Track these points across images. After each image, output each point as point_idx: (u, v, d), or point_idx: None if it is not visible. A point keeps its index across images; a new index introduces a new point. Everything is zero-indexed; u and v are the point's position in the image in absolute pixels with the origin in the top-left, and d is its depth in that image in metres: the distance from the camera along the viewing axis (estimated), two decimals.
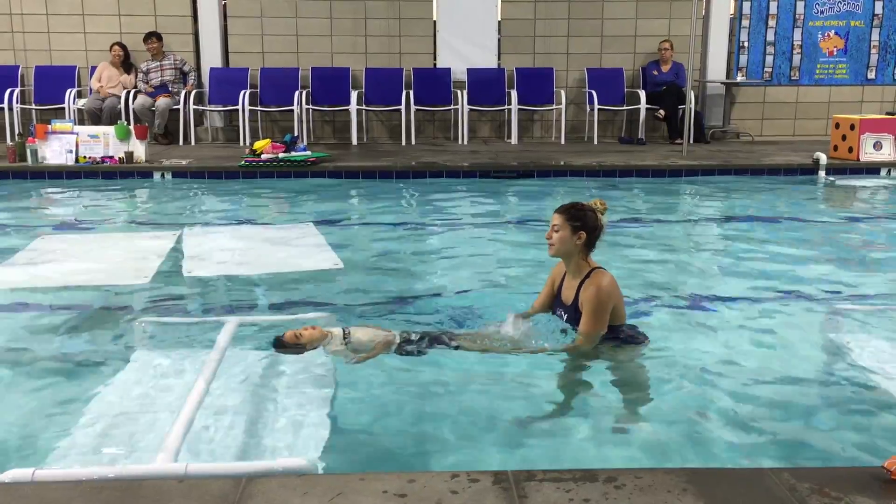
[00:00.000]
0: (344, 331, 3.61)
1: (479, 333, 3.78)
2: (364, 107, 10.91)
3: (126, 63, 10.70)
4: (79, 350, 3.87)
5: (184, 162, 9.01)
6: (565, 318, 3.74)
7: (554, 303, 3.87)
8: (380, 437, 2.99)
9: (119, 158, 8.87)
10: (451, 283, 5.03)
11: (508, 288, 4.90)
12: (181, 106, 10.53)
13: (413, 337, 3.66)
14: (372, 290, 4.85)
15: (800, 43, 11.47)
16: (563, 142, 10.97)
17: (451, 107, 11.00)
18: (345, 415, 3.14)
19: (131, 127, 9.11)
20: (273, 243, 6.13)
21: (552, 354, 3.61)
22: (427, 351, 3.59)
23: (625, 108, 11.24)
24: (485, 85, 11.06)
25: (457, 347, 3.62)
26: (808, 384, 3.50)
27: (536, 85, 11.14)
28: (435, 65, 11.29)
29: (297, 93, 10.62)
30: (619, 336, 3.69)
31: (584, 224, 3.64)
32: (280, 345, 3.62)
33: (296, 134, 9.94)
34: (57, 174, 8.74)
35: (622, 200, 8.06)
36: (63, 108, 10.47)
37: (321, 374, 3.45)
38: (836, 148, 9.61)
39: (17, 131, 10.10)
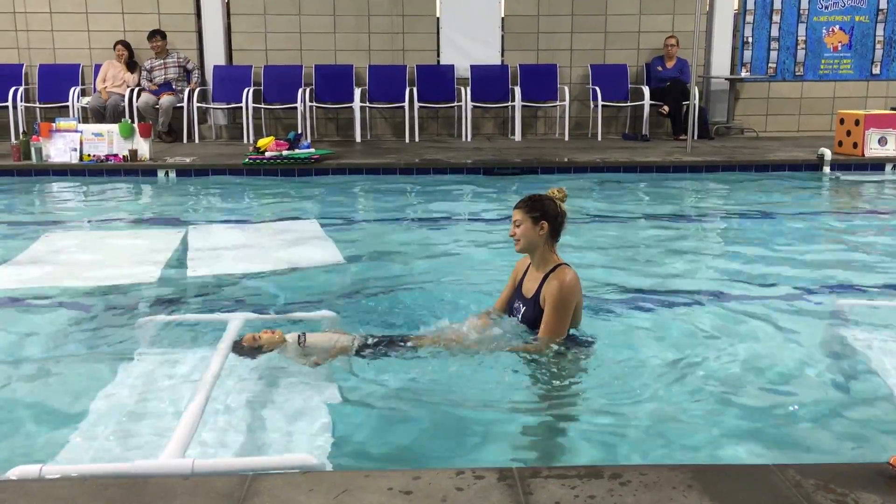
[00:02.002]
0: (299, 337, 3.53)
1: (440, 335, 3.70)
2: (367, 104, 10.90)
3: (131, 62, 10.71)
4: (84, 348, 3.88)
5: (188, 160, 9.02)
6: (522, 310, 3.68)
7: (513, 295, 3.80)
8: (385, 435, 2.99)
9: (123, 156, 8.88)
10: (455, 280, 5.03)
11: None
12: (185, 104, 10.54)
13: (370, 341, 3.60)
14: (375, 287, 4.85)
15: (804, 38, 11.44)
16: (566, 138, 10.96)
17: (455, 104, 11.00)
18: (350, 412, 3.14)
19: (135, 125, 9.12)
20: (277, 241, 6.14)
21: (515, 355, 3.55)
22: (385, 355, 3.53)
23: (629, 104, 11.22)
24: (488, 82, 11.06)
25: (413, 349, 3.57)
26: (814, 380, 3.49)
27: (540, 81, 11.13)
28: (438, 62, 11.28)
29: (300, 90, 10.62)
30: (574, 341, 3.62)
31: (544, 213, 3.58)
32: (238, 347, 3.51)
33: (299, 131, 9.94)
34: (61, 172, 8.76)
35: (626, 197, 8.06)
36: (67, 107, 10.49)
37: (327, 371, 3.45)
38: (840, 144, 9.59)
39: (21, 129, 10.13)
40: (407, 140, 10.75)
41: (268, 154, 8.84)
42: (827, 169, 9.10)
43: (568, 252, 5.51)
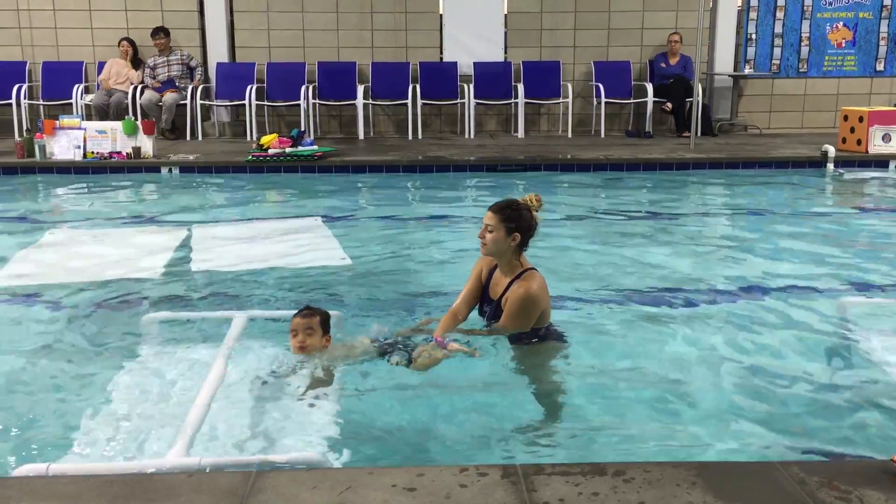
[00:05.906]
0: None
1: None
2: (370, 101, 10.90)
3: (135, 59, 10.72)
4: (89, 345, 3.88)
5: (191, 157, 9.03)
6: (488, 313, 3.71)
7: (480, 296, 3.80)
8: (389, 432, 3.00)
9: (127, 154, 8.89)
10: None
11: None
12: (188, 101, 10.54)
13: (385, 342, 3.57)
14: (379, 285, 4.86)
15: (808, 35, 11.41)
16: (569, 135, 10.94)
17: (458, 101, 10.98)
18: (354, 409, 3.15)
19: (139, 122, 9.13)
20: (281, 238, 6.14)
21: (515, 352, 3.58)
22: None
23: (632, 101, 11.20)
24: (491, 79, 11.04)
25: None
26: (817, 378, 3.49)
27: (543, 78, 11.11)
28: (441, 59, 11.27)
29: (303, 87, 10.62)
30: (539, 336, 3.62)
31: (518, 225, 3.57)
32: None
33: (302, 128, 9.94)
34: (65, 170, 8.77)
35: (629, 194, 8.05)
36: (71, 104, 10.49)
37: (330, 369, 3.46)
38: (844, 140, 9.56)
39: (25, 127, 10.14)
40: (410, 137, 10.74)
41: (271, 151, 8.84)
42: (830, 166, 9.08)
43: (568, 250, 5.53)
